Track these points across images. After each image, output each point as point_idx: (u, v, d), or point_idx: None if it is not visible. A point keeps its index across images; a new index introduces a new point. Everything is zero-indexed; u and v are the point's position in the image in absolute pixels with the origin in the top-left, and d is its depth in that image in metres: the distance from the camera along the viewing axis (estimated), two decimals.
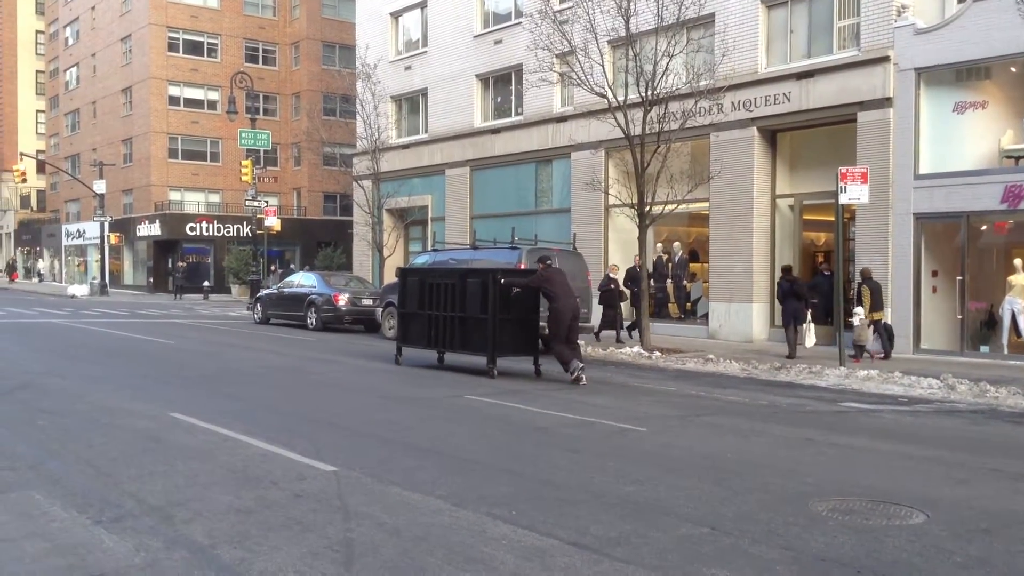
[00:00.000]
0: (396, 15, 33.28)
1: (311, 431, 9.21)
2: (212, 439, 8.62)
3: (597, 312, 20.77)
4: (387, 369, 15.40)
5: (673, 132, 18.93)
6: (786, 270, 18.28)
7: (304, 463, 7.63)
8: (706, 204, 22.18)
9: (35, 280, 58.15)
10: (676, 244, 23.91)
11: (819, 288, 19.23)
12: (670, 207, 19.57)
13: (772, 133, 21.39)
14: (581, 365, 13.85)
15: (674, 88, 18.82)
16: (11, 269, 60.80)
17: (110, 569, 5.00)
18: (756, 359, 17.28)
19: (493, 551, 5.40)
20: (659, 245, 24.07)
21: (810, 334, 17.93)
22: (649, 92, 18.72)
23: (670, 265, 23.95)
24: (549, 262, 14.73)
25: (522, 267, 18.44)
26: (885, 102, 18.77)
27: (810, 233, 21.76)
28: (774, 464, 8.16)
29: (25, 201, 69.19)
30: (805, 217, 21.14)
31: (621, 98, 19.16)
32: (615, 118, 19.03)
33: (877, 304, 17.42)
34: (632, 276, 20.98)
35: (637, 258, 20.44)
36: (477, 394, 12.24)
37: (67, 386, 12.21)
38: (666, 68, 18.57)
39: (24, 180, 51.51)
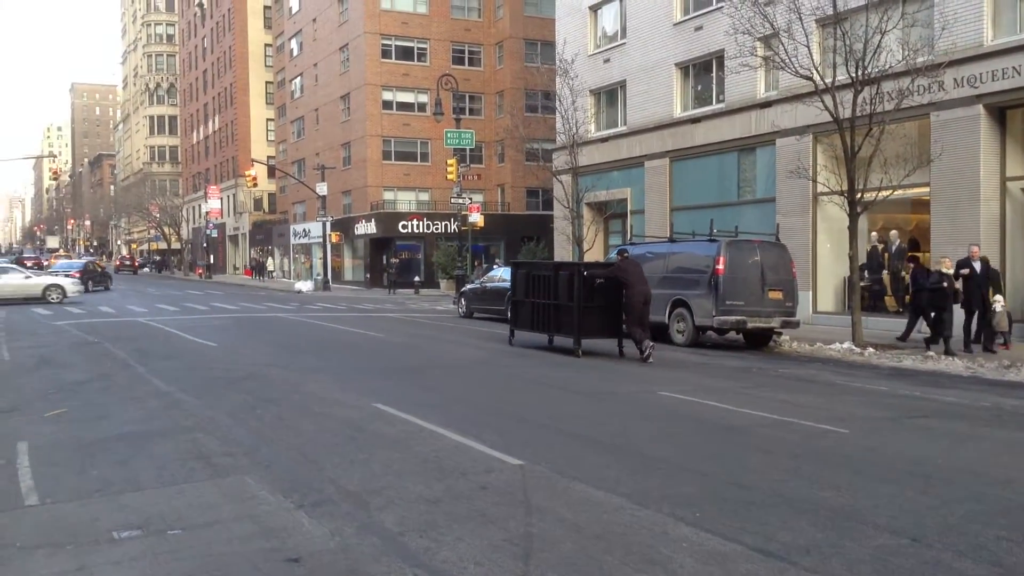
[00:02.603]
0: (595, 8, 33.29)
1: (501, 424, 9.40)
2: (409, 429, 8.99)
3: (805, 304, 19.87)
4: (577, 363, 15.47)
5: (887, 113, 17.79)
6: (916, 260, 18.74)
7: (492, 456, 7.80)
8: (926, 189, 20.67)
9: (265, 279, 62.79)
10: (893, 233, 22.43)
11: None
12: (884, 193, 18.42)
13: (1001, 110, 19.58)
14: (651, 344, 15.60)
15: (887, 66, 17.66)
16: (259, 267, 65.88)
17: (306, 552, 5.32)
18: (983, 357, 15.93)
19: (672, 553, 5.29)
20: (874, 234, 22.69)
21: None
22: (860, 72, 17.66)
23: (887, 255, 22.52)
24: (626, 254, 16.80)
25: (721, 260, 18.03)
26: None
27: None
28: (990, 472, 7.49)
29: (258, 204, 75.05)
30: None
31: (829, 80, 18.21)
32: (822, 101, 18.12)
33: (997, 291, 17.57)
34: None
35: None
36: (670, 390, 12.04)
37: (286, 377, 13.13)
38: (878, 45, 17.45)
39: (256, 184, 55.90)
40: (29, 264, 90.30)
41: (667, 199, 29.26)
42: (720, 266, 18.06)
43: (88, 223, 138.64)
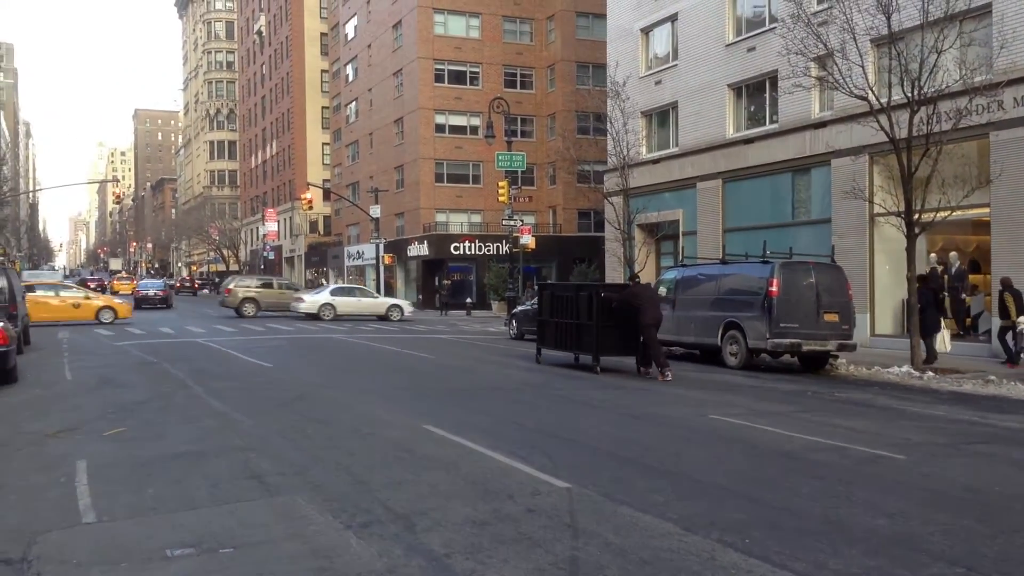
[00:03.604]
0: (646, 31, 33.34)
1: (550, 447, 9.39)
2: (458, 451, 9.04)
3: (863, 327, 19.59)
4: (628, 385, 15.39)
5: (944, 133, 17.47)
6: (923, 279, 18.81)
7: (540, 478, 7.80)
8: (986, 210, 20.24)
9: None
10: (953, 254, 21.97)
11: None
12: (943, 214, 18.06)
13: None
14: (667, 364, 16.46)
15: (944, 86, 17.38)
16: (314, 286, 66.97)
17: (353, 573, 5.38)
18: None
19: None
20: (933, 255, 22.24)
21: (946, 341, 18.93)
22: (916, 91, 17.41)
23: (946, 277, 22.04)
24: (637, 279, 18.74)
25: (775, 282, 17.84)
26: None
27: None
28: None
29: (313, 226, 76.24)
30: None
31: (884, 100, 17.97)
32: (878, 121, 17.87)
33: (1021, 310, 18.07)
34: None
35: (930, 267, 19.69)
36: (721, 414, 11.91)
37: (337, 397, 13.30)
38: (934, 65, 17.19)
39: (311, 207, 56.78)
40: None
41: (719, 220, 29.06)
42: (774, 288, 17.87)
43: (150, 245, 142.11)
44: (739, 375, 17.40)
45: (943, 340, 18.98)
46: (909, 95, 17.52)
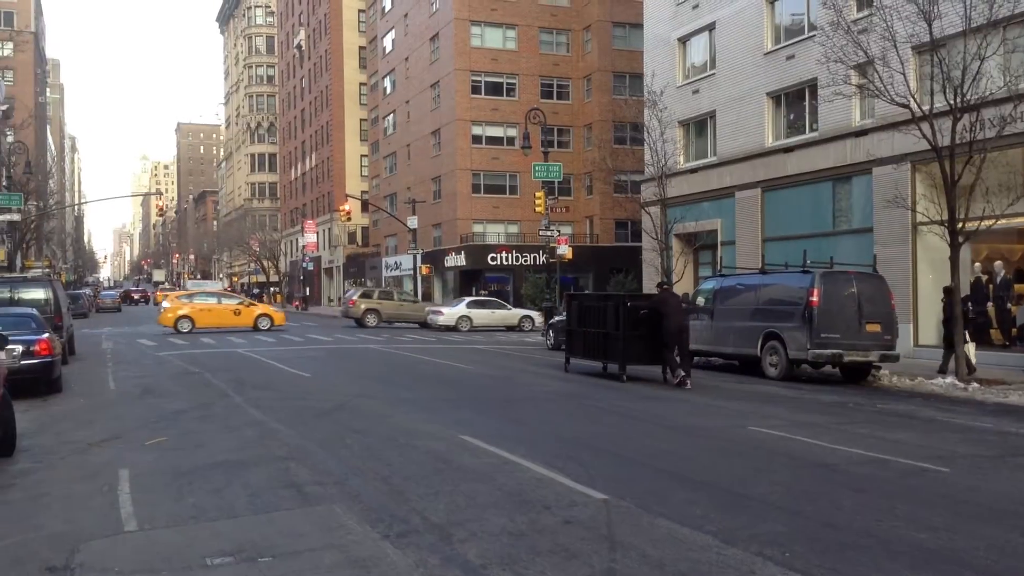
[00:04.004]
0: (683, 40, 33.21)
1: (586, 457, 9.35)
2: (494, 462, 9.03)
3: (906, 337, 19.31)
4: (663, 396, 15.28)
5: (988, 140, 17.17)
6: (948, 291, 18.44)
7: (577, 489, 7.76)
8: None
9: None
10: (998, 263, 21.54)
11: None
12: (987, 223, 17.73)
13: None
14: (682, 373, 16.61)
15: (987, 93, 17.08)
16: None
17: None
18: None
19: None
20: (977, 265, 21.83)
21: (971, 353, 18.22)
22: (958, 99, 17.14)
23: (991, 287, 21.62)
24: (665, 286, 18.62)
25: (815, 292, 17.64)
26: None
27: None
28: None
29: (351, 237, 76.80)
30: None
31: (926, 107, 17.72)
32: (920, 129, 17.61)
33: None
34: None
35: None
36: (760, 425, 11.78)
37: (375, 408, 13.36)
38: (977, 72, 16.91)
39: (349, 219, 57.19)
40: (137, 296, 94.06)
41: (758, 230, 28.79)
42: (814, 298, 17.66)
43: (192, 257, 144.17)
44: (779, 386, 17.20)
45: (969, 352, 18.55)
46: (952, 102, 17.25)
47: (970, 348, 18.62)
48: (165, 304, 36.12)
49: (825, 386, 17.49)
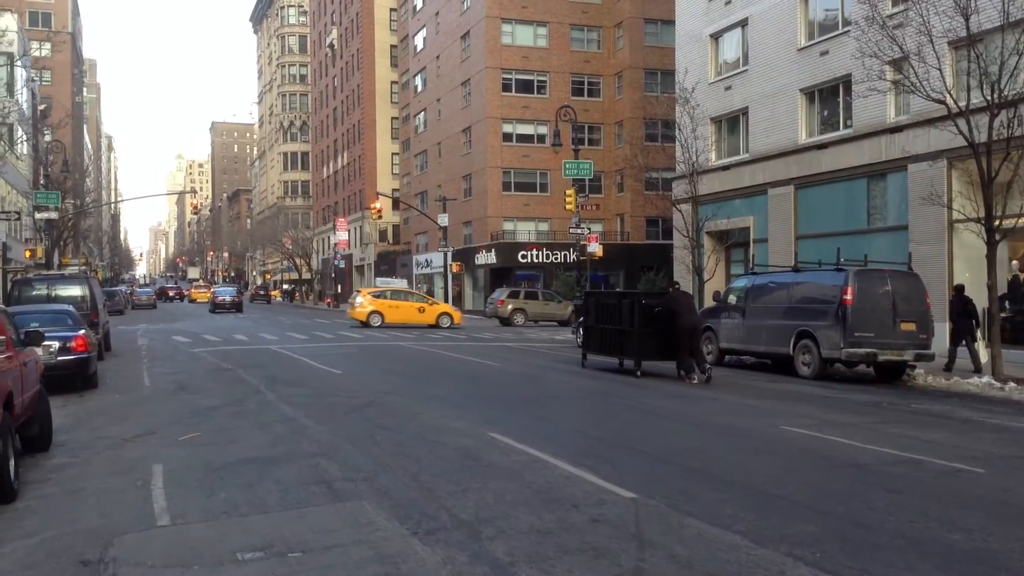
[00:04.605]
0: (716, 36, 32.98)
1: (615, 456, 9.32)
2: (523, 459, 9.03)
3: (941, 336, 19.08)
4: (693, 394, 15.19)
5: None
6: (958, 290, 18.95)
7: (605, 488, 7.75)
8: None
9: None
10: None
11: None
12: None
13: None
14: (695, 369, 17.11)
15: None
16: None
17: None
18: None
19: None
20: (1015, 263, 21.50)
21: (982, 350, 18.75)
22: (995, 95, 16.87)
23: None
24: (677, 285, 19.35)
25: (849, 290, 17.46)
26: None
27: None
28: None
29: (382, 235, 77.20)
30: None
31: (963, 103, 17.46)
32: (956, 125, 17.38)
33: None
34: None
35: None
36: (792, 425, 11.68)
37: (405, 405, 13.41)
38: (1015, 67, 16.64)
39: (380, 216, 57.46)
40: (172, 294, 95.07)
41: (791, 227, 28.53)
42: (848, 296, 17.48)
43: (226, 255, 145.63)
44: (812, 385, 17.04)
45: (979, 351, 18.84)
46: (989, 98, 17.00)
47: (980, 346, 18.83)
48: (359, 300, 38.17)
49: (859, 386, 17.31)
